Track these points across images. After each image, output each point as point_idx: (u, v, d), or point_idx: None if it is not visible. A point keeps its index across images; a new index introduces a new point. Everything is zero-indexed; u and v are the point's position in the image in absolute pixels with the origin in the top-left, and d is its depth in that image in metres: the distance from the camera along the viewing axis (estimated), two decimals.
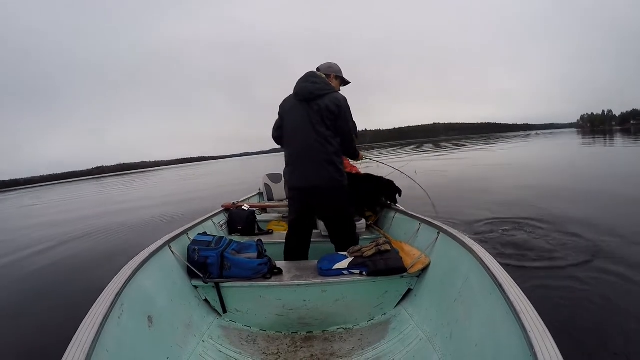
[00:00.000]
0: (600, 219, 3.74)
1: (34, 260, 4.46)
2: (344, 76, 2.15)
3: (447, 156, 19.37)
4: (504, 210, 4.48)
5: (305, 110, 1.91)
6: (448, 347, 1.26)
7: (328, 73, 2.07)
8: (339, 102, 1.90)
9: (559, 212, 4.15)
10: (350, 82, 2.21)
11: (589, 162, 10.99)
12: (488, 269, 1.20)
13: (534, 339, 0.83)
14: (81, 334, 0.95)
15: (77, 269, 3.87)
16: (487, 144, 31.11)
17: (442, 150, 25.65)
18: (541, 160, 12.60)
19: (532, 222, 3.78)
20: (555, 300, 2.09)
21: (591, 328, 1.79)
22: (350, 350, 1.45)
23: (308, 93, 1.90)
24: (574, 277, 2.36)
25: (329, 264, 1.69)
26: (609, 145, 19.11)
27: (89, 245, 5.04)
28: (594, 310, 1.95)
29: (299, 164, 1.95)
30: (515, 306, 0.96)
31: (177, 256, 1.71)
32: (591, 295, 2.10)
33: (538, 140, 33.61)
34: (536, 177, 7.55)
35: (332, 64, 2.12)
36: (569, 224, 3.59)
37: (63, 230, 6.60)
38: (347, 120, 1.96)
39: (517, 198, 5.23)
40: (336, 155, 1.93)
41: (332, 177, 1.90)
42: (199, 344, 1.44)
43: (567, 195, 5.34)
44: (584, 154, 14.16)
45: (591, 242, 3.00)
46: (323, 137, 1.89)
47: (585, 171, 8.44)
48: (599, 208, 4.37)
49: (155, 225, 5.83)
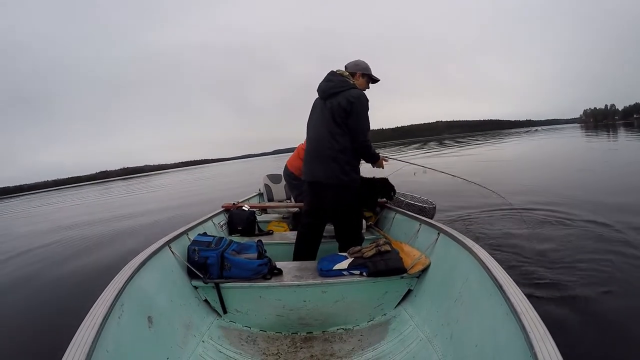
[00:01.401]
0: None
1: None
2: (371, 74, 2.11)
3: (465, 152, 19.08)
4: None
5: (321, 107, 1.99)
6: (448, 348, 1.25)
7: (354, 71, 2.06)
8: (353, 98, 1.88)
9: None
10: (379, 79, 2.16)
11: (601, 156, 10.69)
12: (488, 269, 1.20)
13: (534, 339, 0.83)
14: (81, 334, 0.95)
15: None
16: (495, 141, 30.17)
17: (452, 148, 25.06)
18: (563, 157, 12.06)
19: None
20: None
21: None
22: (350, 350, 1.45)
23: (322, 92, 1.99)
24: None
25: (329, 264, 1.69)
26: (613, 139, 18.63)
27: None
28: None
29: (309, 158, 2.05)
30: (515, 307, 0.96)
31: (177, 256, 1.71)
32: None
33: (542, 137, 32.66)
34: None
35: (359, 62, 2.09)
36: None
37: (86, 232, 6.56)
38: (359, 118, 1.90)
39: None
40: (342, 153, 1.91)
41: (333, 175, 1.91)
42: (199, 344, 1.44)
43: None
44: (601, 149, 13.69)
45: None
46: (331, 134, 1.92)
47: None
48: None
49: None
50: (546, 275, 2.38)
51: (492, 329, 1.07)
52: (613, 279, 2.26)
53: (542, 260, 2.69)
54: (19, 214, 15.69)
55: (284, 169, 3.47)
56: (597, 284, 2.21)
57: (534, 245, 3.01)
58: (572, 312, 1.91)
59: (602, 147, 14.32)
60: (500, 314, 1.04)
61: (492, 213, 4.25)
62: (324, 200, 1.99)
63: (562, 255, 2.76)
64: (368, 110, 1.96)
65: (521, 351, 0.87)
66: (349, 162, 1.94)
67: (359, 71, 2.06)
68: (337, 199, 1.95)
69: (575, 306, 1.97)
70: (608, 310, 1.91)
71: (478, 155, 16.16)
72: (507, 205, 3.98)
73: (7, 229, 9.72)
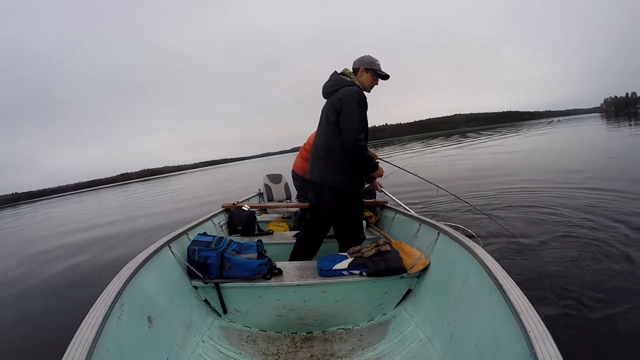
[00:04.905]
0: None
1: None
2: (378, 69, 1.96)
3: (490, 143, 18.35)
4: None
5: (323, 108, 2.02)
6: (448, 348, 1.25)
7: (357, 66, 1.96)
8: (342, 95, 1.82)
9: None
10: (387, 75, 2.00)
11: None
12: (488, 269, 1.20)
13: (534, 339, 0.83)
14: (81, 334, 0.95)
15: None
16: (523, 132, 28.41)
17: (484, 139, 23.99)
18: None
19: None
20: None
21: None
22: (350, 350, 1.45)
23: (323, 92, 2.02)
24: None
25: (329, 264, 1.69)
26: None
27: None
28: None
29: (310, 158, 2.09)
30: (516, 307, 0.96)
31: (177, 256, 1.71)
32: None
33: (571, 126, 30.66)
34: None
35: (364, 57, 1.97)
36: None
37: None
38: (347, 115, 1.80)
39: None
40: (330, 153, 1.88)
41: (321, 174, 1.92)
42: (199, 344, 1.44)
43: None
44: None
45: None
46: (324, 134, 1.93)
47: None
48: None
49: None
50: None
51: (492, 329, 1.07)
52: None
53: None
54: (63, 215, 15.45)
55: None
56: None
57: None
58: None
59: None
60: (500, 314, 1.04)
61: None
62: (322, 199, 1.98)
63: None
64: (361, 108, 1.82)
65: (521, 351, 0.87)
66: (338, 162, 1.87)
67: (362, 66, 1.94)
68: (331, 200, 1.94)
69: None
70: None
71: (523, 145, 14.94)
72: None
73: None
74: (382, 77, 2.02)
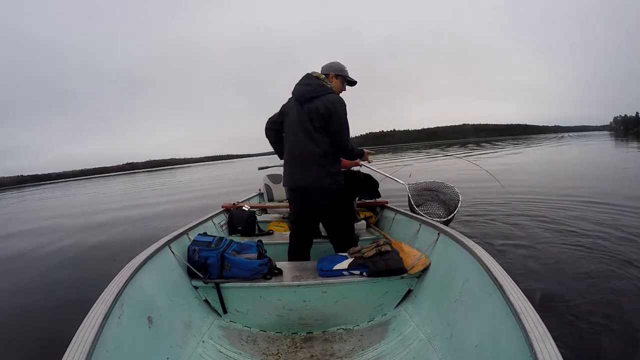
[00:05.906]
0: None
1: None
2: (347, 75, 2.05)
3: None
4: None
5: (299, 111, 1.92)
6: (448, 348, 1.25)
7: (327, 72, 2.01)
8: (332, 104, 1.84)
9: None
10: (355, 81, 2.10)
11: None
12: (488, 269, 1.20)
13: (534, 339, 0.83)
14: (81, 334, 0.95)
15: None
16: (537, 145, 28.09)
17: (498, 149, 23.72)
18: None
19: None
20: None
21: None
22: (350, 350, 1.45)
23: (299, 95, 1.92)
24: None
25: (329, 264, 1.69)
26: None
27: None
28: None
29: (290, 164, 1.98)
30: (516, 307, 0.96)
31: (177, 256, 1.71)
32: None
33: (585, 142, 29.27)
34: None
35: (334, 63, 2.04)
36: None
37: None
38: (341, 124, 1.89)
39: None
40: (324, 157, 1.89)
41: (317, 179, 1.88)
42: (199, 344, 1.44)
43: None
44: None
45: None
46: (311, 139, 1.88)
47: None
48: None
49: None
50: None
51: (492, 329, 1.07)
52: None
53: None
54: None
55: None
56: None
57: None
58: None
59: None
60: (500, 314, 1.04)
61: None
62: (311, 204, 1.96)
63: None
64: (346, 115, 1.93)
65: (521, 351, 0.87)
66: (333, 164, 1.92)
67: (332, 72, 2.01)
68: (324, 203, 1.93)
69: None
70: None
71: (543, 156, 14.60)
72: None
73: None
74: (350, 84, 2.11)
